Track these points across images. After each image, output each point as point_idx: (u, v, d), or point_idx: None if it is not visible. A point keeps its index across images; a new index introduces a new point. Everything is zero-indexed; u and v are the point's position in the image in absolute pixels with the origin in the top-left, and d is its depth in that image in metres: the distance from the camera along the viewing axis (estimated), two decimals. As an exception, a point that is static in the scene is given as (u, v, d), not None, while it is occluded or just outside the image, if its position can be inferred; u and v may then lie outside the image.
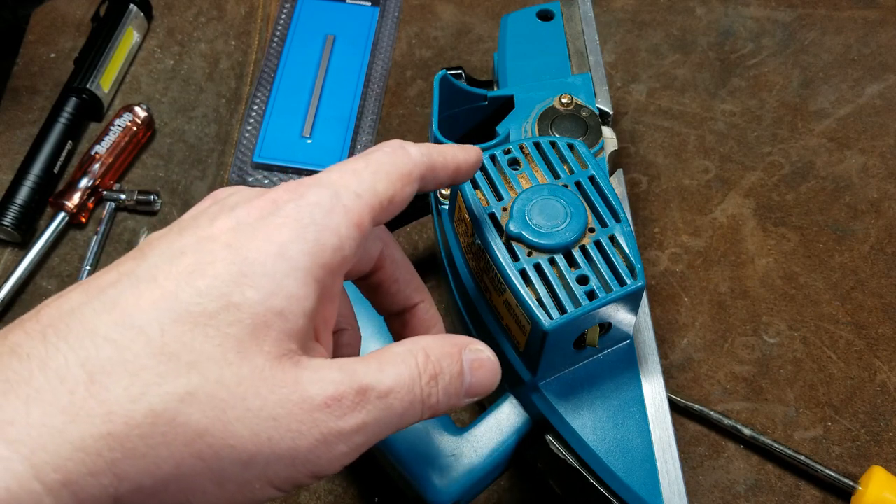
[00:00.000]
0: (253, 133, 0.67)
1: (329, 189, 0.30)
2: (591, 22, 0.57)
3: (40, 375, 0.25)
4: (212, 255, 0.28)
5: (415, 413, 0.30)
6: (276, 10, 0.74)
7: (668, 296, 0.60)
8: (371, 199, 0.30)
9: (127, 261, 0.29)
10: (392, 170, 0.31)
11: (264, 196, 0.30)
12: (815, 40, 0.72)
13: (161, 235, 0.30)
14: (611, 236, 0.40)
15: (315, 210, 0.29)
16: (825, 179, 0.65)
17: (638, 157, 0.66)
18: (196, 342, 0.26)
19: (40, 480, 0.24)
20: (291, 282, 0.28)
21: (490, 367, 0.32)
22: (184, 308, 0.27)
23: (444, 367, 0.31)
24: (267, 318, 0.27)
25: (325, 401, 0.28)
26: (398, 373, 0.30)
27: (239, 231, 0.28)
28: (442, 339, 0.32)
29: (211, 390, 0.26)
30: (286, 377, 0.27)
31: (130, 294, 0.27)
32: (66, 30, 0.73)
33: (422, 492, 0.43)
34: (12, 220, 0.61)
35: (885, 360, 0.57)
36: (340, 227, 0.29)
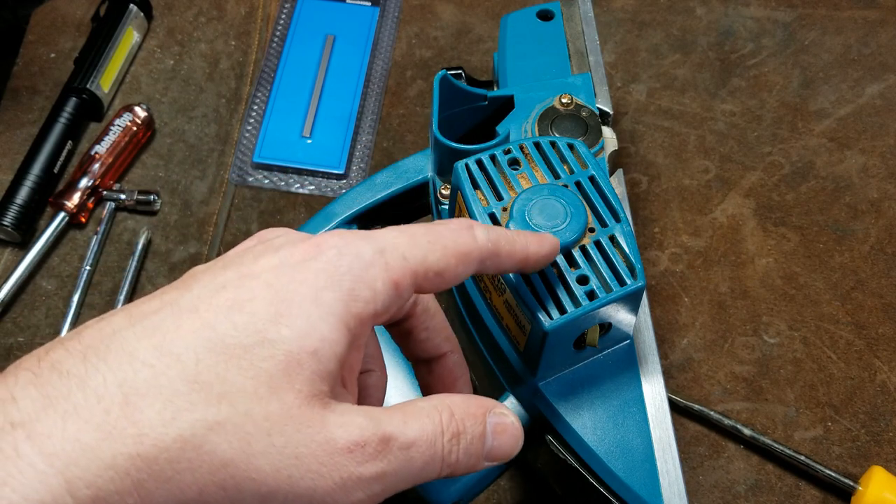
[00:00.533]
0: (253, 133, 0.67)
1: (376, 244, 0.30)
2: (591, 22, 0.57)
3: (79, 392, 0.26)
4: (251, 292, 0.29)
5: (434, 469, 0.30)
6: (276, 10, 0.74)
7: (668, 296, 0.60)
8: (417, 265, 0.31)
9: (171, 290, 0.30)
10: (450, 245, 0.32)
11: (310, 240, 0.31)
12: (815, 40, 0.72)
13: (206, 268, 0.31)
14: (611, 236, 0.40)
15: (355, 261, 0.30)
16: (825, 179, 0.65)
17: (638, 157, 0.66)
18: (229, 374, 0.27)
19: (73, 495, 0.25)
20: (325, 325, 0.28)
21: (512, 433, 0.33)
22: (220, 340, 0.27)
23: (467, 427, 0.31)
24: (300, 357, 0.28)
25: (349, 445, 0.28)
26: (422, 427, 0.30)
27: (280, 271, 0.29)
28: (468, 399, 0.32)
29: (239, 422, 0.27)
30: (313, 417, 0.28)
31: (171, 322, 0.28)
32: (66, 30, 0.73)
33: (422, 492, 0.43)
34: (12, 220, 0.61)
35: (885, 360, 0.57)
36: (377, 281, 0.30)
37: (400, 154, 0.67)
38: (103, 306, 0.60)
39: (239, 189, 0.65)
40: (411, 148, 0.67)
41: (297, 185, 0.65)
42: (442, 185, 0.51)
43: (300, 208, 0.64)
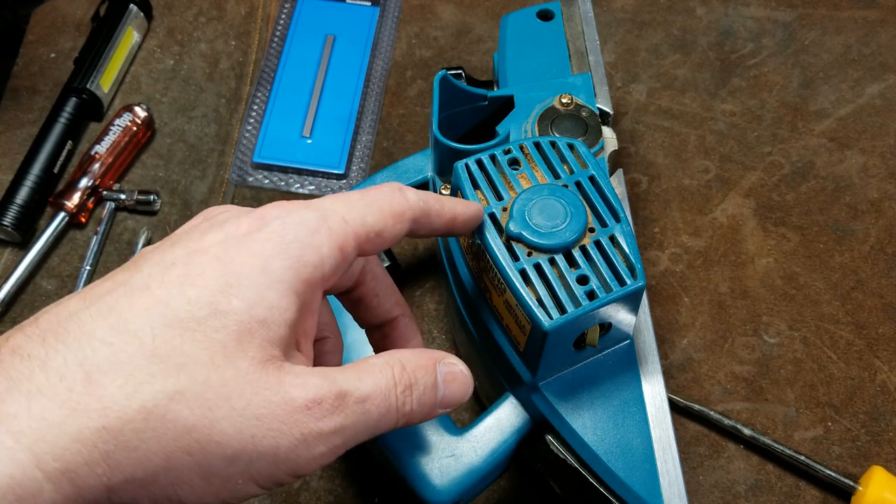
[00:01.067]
0: (253, 133, 0.67)
1: (318, 211, 0.32)
2: (591, 22, 0.57)
3: (41, 374, 0.27)
4: (201, 267, 0.30)
5: (390, 420, 0.32)
6: (276, 10, 0.74)
7: (668, 296, 0.60)
8: (358, 227, 0.32)
9: (122, 271, 0.31)
10: (385, 206, 0.34)
11: (253, 213, 0.32)
12: (815, 40, 0.72)
13: (154, 248, 0.32)
14: (611, 236, 0.40)
15: (300, 228, 0.31)
16: (825, 179, 0.65)
17: (638, 157, 0.66)
18: (185, 346, 0.28)
19: (41, 468, 0.26)
20: (273, 294, 0.30)
21: (462, 380, 0.35)
22: (174, 314, 0.29)
23: (418, 378, 0.33)
24: (251, 325, 0.29)
25: (306, 403, 0.29)
26: (375, 381, 0.32)
27: (227, 244, 0.31)
28: (418, 353, 0.34)
29: (198, 390, 0.28)
30: (269, 380, 0.29)
31: (125, 301, 0.29)
32: (66, 30, 0.73)
33: (422, 492, 0.43)
34: (12, 220, 0.61)
35: (885, 360, 0.57)
36: (322, 246, 0.31)
37: (400, 154, 0.67)
38: (103, 306, 0.60)
39: (239, 189, 0.65)
40: (411, 148, 0.67)
41: (297, 185, 0.65)
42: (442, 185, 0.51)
43: (300, 208, 0.64)
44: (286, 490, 0.53)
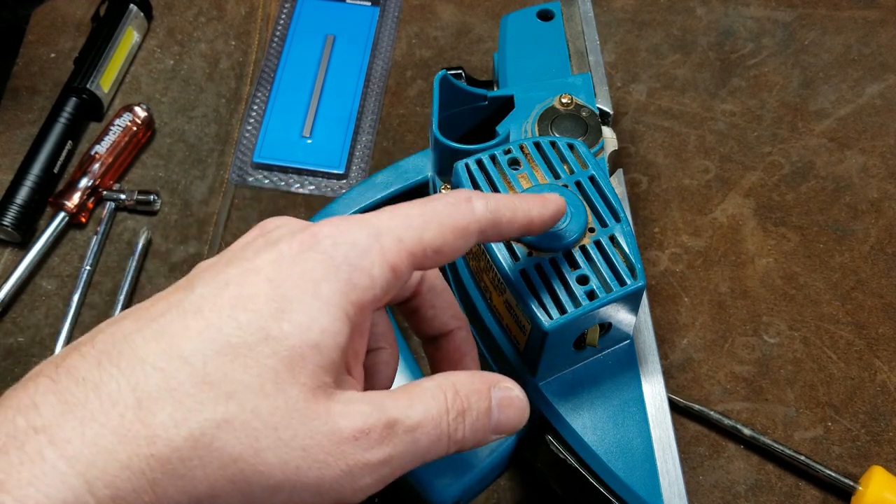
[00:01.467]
0: (253, 133, 0.67)
1: (371, 230, 0.31)
2: (591, 22, 0.57)
3: (95, 399, 0.27)
4: (253, 288, 0.29)
5: (441, 447, 0.31)
6: (276, 10, 0.74)
7: (668, 296, 0.60)
8: (414, 246, 0.31)
9: (176, 291, 0.30)
10: (447, 221, 0.32)
11: (307, 230, 0.31)
12: (815, 40, 0.72)
13: (210, 265, 0.31)
14: (611, 236, 0.40)
15: (350, 250, 0.30)
16: (825, 179, 0.65)
17: (638, 157, 0.66)
18: (236, 372, 0.28)
19: (92, 494, 0.26)
20: (325, 318, 0.29)
21: (518, 406, 0.33)
22: (225, 340, 0.28)
23: (472, 404, 0.32)
24: (303, 350, 0.29)
25: (354, 433, 0.29)
26: (426, 408, 0.31)
27: (279, 265, 0.30)
28: (472, 376, 0.33)
29: (246, 419, 0.28)
30: (318, 409, 0.29)
31: (178, 324, 0.29)
32: (66, 30, 0.73)
33: (422, 492, 0.43)
34: (12, 220, 0.61)
35: (885, 360, 0.57)
36: (374, 268, 0.30)
37: (400, 154, 0.67)
38: (103, 306, 0.60)
39: (239, 189, 0.65)
40: (411, 148, 0.67)
41: (297, 185, 0.65)
42: (442, 185, 0.51)
43: (300, 208, 0.64)
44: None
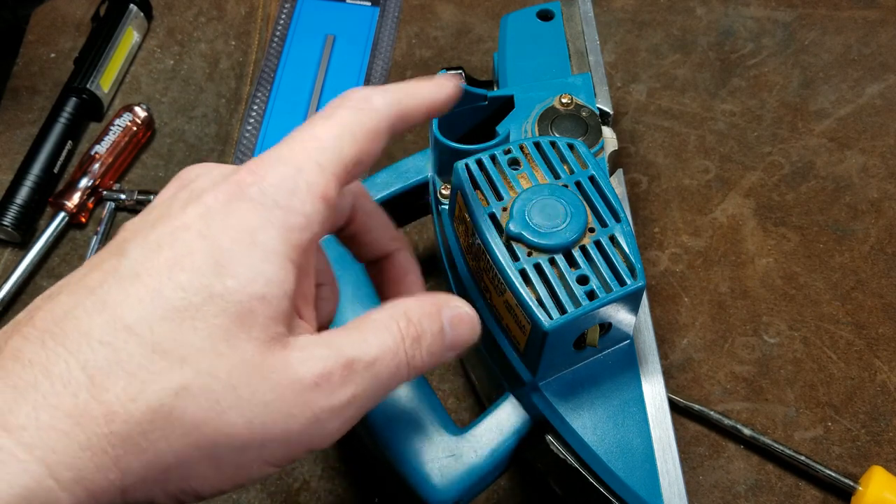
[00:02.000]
0: (253, 133, 0.67)
1: (292, 165, 0.30)
2: (591, 22, 0.57)
3: (45, 381, 0.26)
4: (187, 246, 0.28)
5: (401, 376, 0.31)
6: (276, 10, 0.74)
7: (668, 296, 0.60)
8: (335, 167, 0.30)
9: (109, 257, 0.29)
10: (357, 129, 0.31)
11: (229, 179, 0.30)
12: (815, 40, 0.72)
13: (136, 226, 0.30)
14: (611, 236, 0.40)
15: (278, 192, 0.29)
16: (825, 179, 0.65)
17: (638, 157, 0.66)
18: (185, 336, 0.27)
19: (55, 478, 0.26)
20: (268, 267, 0.28)
21: (469, 321, 0.33)
22: (169, 304, 0.27)
23: (425, 328, 0.32)
24: (251, 304, 0.28)
25: (315, 380, 0.28)
26: (381, 341, 0.30)
27: (210, 219, 0.29)
28: (421, 300, 0.32)
29: (203, 383, 0.27)
30: (275, 361, 0.28)
31: (118, 294, 0.28)
32: (66, 30, 0.73)
33: (422, 492, 0.43)
34: (12, 220, 0.61)
35: (885, 360, 0.57)
36: (305, 205, 0.29)
37: (400, 154, 0.67)
38: (103, 306, 0.60)
39: (239, 189, 0.65)
40: (411, 148, 0.67)
41: (297, 185, 0.65)
42: (442, 185, 0.51)
43: (300, 208, 0.64)
44: (286, 490, 0.53)
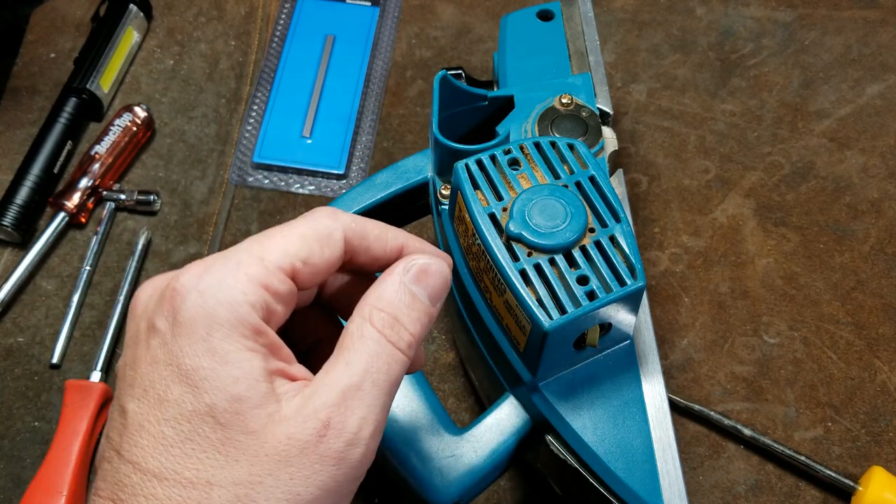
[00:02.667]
0: (253, 133, 0.67)
1: (231, 262, 0.31)
2: (591, 22, 0.57)
3: None
4: (163, 381, 0.30)
5: (400, 364, 0.31)
6: (276, 10, 0.74)
7: (668, 296, 0.60)
8: (280, 259, 0.31)
9: (118, 416, 0.31)
10: (308, 232, 0.32)
11: (166, 294, 0.31)
12: (815, 40, 0.72)
13: (123, 375, 0.31)
14: (611, 236, 0.40)
15: (217, 290, 0.30)
16: (825, 179, 0.65)
17: (638, 157, 0.66)
18: (198, 461, 0.29)
19: None
20: (232, 368, 0.29)
21: (433, 269, 0.33)
22: (173, 440, 0.29)
23: (397, 307, 0.32)
24: (233, 407, 0.29)
25: (318, 433, 0.29)
26: (362, 352, 0.31)
27: (167, 345, 0.30)
28: (379, 283, 0.33)
29: (236, 493, 0.29)
30: (277, 442, 0.29)
31: (136, 449, 0.30)
32: (66, 30, 0.73)
33: (422, 492, 0.43)
34: (12, 220, 0.61)
35: (885, 360, 0.57)
36: (246, 295, 0.30)
37: (400, 154, 0.67)
38: (103, 306, 0.60)
39: (239, 189, 0.65)
40: (411, 148, 0.67)
41: (297, 186, 0.65)
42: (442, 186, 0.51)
43: (300, 208, 0.64)
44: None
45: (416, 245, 0.35)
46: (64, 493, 0.52)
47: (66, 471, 0.53)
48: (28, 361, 0.58)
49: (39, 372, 0.58)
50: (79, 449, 0.53)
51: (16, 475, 0.55)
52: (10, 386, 0.57)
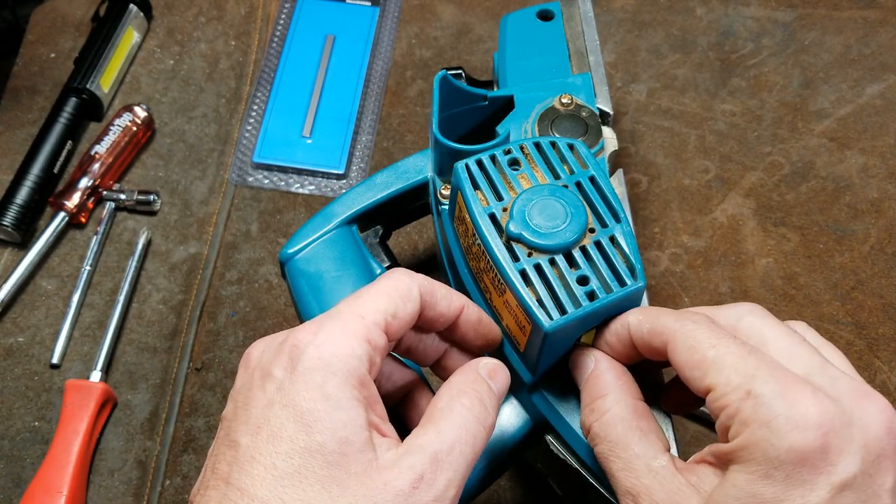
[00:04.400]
0: (253, 133, 0.67)
1: (337, 320, 0.35)
2: (591, 22, 0.57)
3: None
4: (278, 420, 0.33)
5: (482, 438, 0.36)
6: (276, 10, 0.74)
7: (668, 296, 0.60)
8: (375, 315, 0.36)
9: (226, 450, 0.34)
10: (392, 291, 0.37)
11: (285, 346, 0.35)
12: (815, 40, 0.72)
13: (234, 416, 0.35)
14: (611, 237, 0.40)
15: (330, 346, 0.34)
16: (825, 179, 0.65)
17: (638, 157, 0.66)
18: (305, 493, 0.32)
19: None
20: (342, 414, 0.33)
21: (500, 370, 0.39)
22: (284, 473, 0.33)
23: (480, 391, 0.37)
24: (341, 449, 0.33)
25: (412, 485, 0.33)
26: (452, 423, 0.35)
27: (284, 389, 0.34)
28: (462, 372, 0.38)
29: None
30: (376, 485, 0.33)
31: (246, 478, 0.33)
32: (66, 30, 0.73)
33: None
34: (12, 220, 0.61)
35: (885, 360, 0.57)
36: (354, 348, 0.34)
37: (400, 154, 0.67)
38: (103, 306, 0.60)
39: (239, 189, 0.65)
40: (411, 148, 0.67)
41: (297, 185, 0.65)
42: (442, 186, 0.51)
43: (300, 208, 0.64)
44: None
45: (472, 309, 0.40)
46: (64, 493, 0.52)
47: (66, 471, 0.53)
48: (28, 361, 0.58)
49: (39, 372, 0.58)
50: (79, 449, 0.54)
51: (16, 475, 0.55)
52: (10, 386, 0.57)
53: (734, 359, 0.32)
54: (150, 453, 0.56)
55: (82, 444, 0.54)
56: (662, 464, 0.34)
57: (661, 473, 0.34)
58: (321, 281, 0.50)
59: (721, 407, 0.32)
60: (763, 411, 0.30)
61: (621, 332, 0.38)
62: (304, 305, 0.50)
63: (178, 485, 0.55)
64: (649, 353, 0.37)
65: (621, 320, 0.38)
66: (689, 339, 0.34)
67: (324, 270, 0.51)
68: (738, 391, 0.31)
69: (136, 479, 0.55)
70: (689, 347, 0.34)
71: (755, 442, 0.30)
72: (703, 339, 0.34)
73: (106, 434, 0.56)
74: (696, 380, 0.33)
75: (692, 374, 0.34)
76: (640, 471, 0.35)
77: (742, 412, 0.31)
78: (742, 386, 0.31)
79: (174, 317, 0.60)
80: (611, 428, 0.36)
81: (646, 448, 0.35)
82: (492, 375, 0.38)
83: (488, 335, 0.41)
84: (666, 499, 0.33)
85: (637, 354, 0.38)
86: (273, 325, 0.60)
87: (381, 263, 0.52)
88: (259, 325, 0.60)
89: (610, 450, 0.36)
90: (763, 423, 0.30)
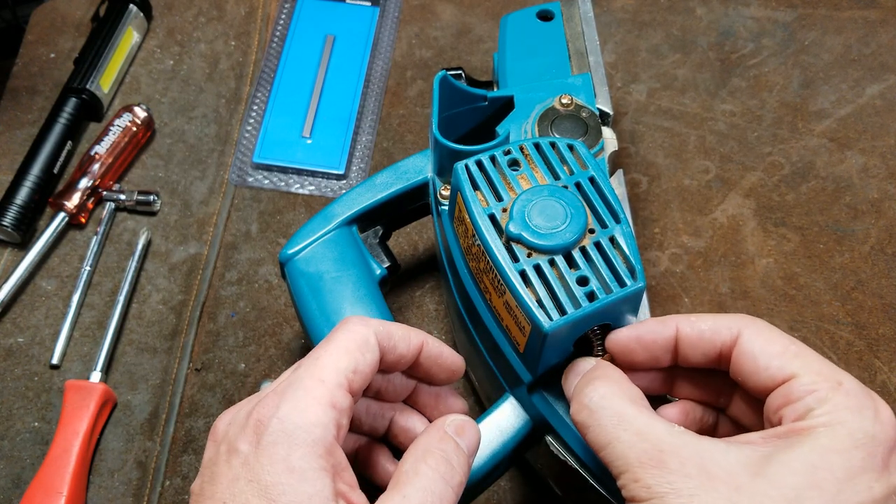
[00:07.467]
0: (253, 133, 0.67)
1: (299, 389, 0.35)
2: (591, 22, 0.57)
3: None
4: (244, 495, 0.33)
5: (449, 498, 0.35)
6: (276, 10, 0.74)
7: (668, 296, 0.60)
8: (335, 377, 0.35)
9: None
10: (350, 345, 0.36)
11: (250, 420, 0.35)
12: (815, 40, 0.72)
13: (201, 492, 0.35)
14: (611, 237, 0.40)
15: (294, 416, 0.34)
16: (825, 180, 0.65)
17: (638, 158, 0.66)
18: None
19: None
20: (307, 485, 0.33)
21: (468, 426, 0.38)
22: None
23: (446, 451, 0.36)
24: None
25: None
26: (417, 489, 0.35)
27: (249, 464, 0.34)
28: (428, 432, 0.37)
29: None
30: None
31: None
32: (66, 30, 0.73)
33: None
34: (12, 221, 0.61)
35: (885, 360, 0.57)
36: (319, 417, 0.34)
37: (400, 154, 0.67)
38: (103, 306, 0.60)
39: (239, 189, 0.65)
40: (411, 148, 0.67)
41: (296, 186, 0.65)
42: (442, 186, 0.51)
43: (300, 208, 0.64)
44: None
45: (433, 344, 0.40)
46: (64, 494, 0.52)
47: (66, 471, 0.53)
48: (28, 361, 0.58)
49: (39, 372, 0.58)
50: (79, 449, 0.54)
51: (16, 475, 0.55)
52: (10, 386, 0.57)
53: (816, 356, 0.35)
54: (150, 454, 0.56)
55: (82, 444, 0.54)
56: (681, 429, 0.34)
57: (685, 434, 0.33)
58: (321, 281, 0.50)
59: (808, 391, 0.34)
60: (854, 401, 0.33)
61: (649, 336, 0.38)
62: (303, 306, 0.50)
63: (178, 485, 0.55)
64: (690, 355, 0.38)
65: (652, 326, 0.39)
66: (764, 332, 0.36)
67: (324, 271, 0.51)
68: (831, 381, 0.34)
69: (135, 479, 0.55)
70: (767, 339, 0.36)
71: (846, 419, 0.33)
72: (777, 334, 0.36)
73: (106, 434, 0.56)
74: (775, 368, 0.35)
75: (770, 362, 0.35)
76: (661, 433, 0.33)
77: (834, 398, 0.33)
78: (834, 377, 0.34)
79: (174, 317, 0.60)
80: (610, 401, 0.35)
81: (656, 417, 0.34)
82: (459, 432, 0.38)
83: (451, 367, 0.41)
84: (694, 455, 0.32)
85: (648, 361, 0.38)
86: (273, 325, 0.60)
87: (380, 264, 0.52)
88: (259, 326, 0.60)
89: (618, 422, 0.34)
90: (855, 410, 0.33)
